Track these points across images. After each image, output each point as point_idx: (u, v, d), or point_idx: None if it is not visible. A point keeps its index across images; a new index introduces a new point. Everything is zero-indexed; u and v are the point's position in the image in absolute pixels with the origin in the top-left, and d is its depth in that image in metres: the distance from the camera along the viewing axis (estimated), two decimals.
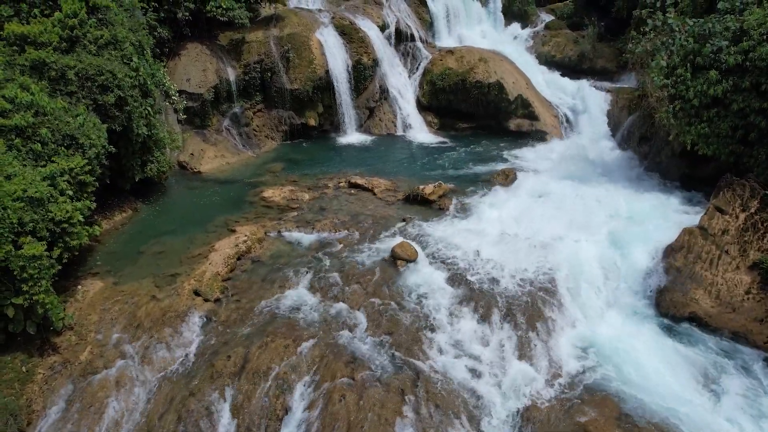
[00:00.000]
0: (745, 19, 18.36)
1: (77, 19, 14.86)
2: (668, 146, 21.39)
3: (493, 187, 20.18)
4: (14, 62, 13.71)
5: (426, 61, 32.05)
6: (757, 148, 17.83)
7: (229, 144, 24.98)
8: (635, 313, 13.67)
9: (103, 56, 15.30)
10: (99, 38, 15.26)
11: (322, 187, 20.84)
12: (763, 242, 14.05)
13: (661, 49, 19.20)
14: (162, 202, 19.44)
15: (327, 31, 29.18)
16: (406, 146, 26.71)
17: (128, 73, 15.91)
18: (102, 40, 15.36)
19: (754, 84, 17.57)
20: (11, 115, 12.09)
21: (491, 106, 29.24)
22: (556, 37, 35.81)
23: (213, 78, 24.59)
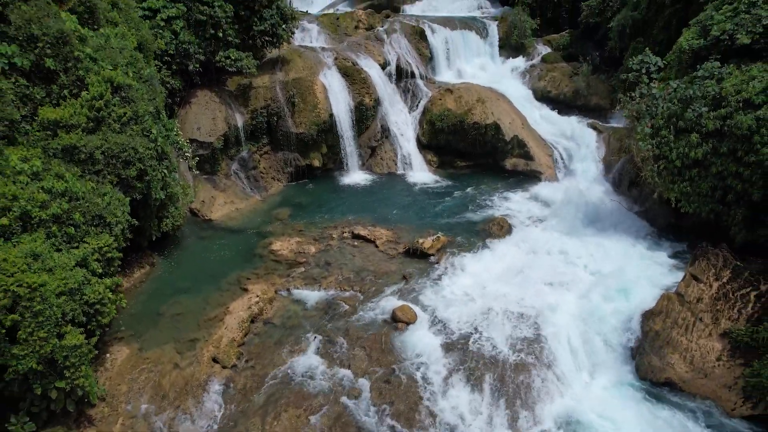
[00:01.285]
0: (723, 87, 19.60)
1: (103, 101, 16.11)
2: (654, 195, 22.63)
3: (489, 241, 21.43)
4: (48, 147, 14.97)
5: (426, 99, 33.28)
6: (734, 209, 19.13)
7: (237, 189, 26.23)
8: (617, 380, 14.91)
9: (125, 132, 16.55)
10: (122, 116, 16.52)
11: (327, 238, 22.09)
12: (733, 312, 15.30)
13: (645, 115, 20.41)
14: (177, 255, 20.69)
15: (330, 73, 30.38)
16: (406, 188, 27.93)
17: (147, 145, 17.17)
18: (125, 118, 16.62)
19: (731, 149, 18.82)
20: (49, 204, 13.33)
21: (488, 146, 30.48)
22: (552, 71, 37.00)
23: (222, 126, 25.83)
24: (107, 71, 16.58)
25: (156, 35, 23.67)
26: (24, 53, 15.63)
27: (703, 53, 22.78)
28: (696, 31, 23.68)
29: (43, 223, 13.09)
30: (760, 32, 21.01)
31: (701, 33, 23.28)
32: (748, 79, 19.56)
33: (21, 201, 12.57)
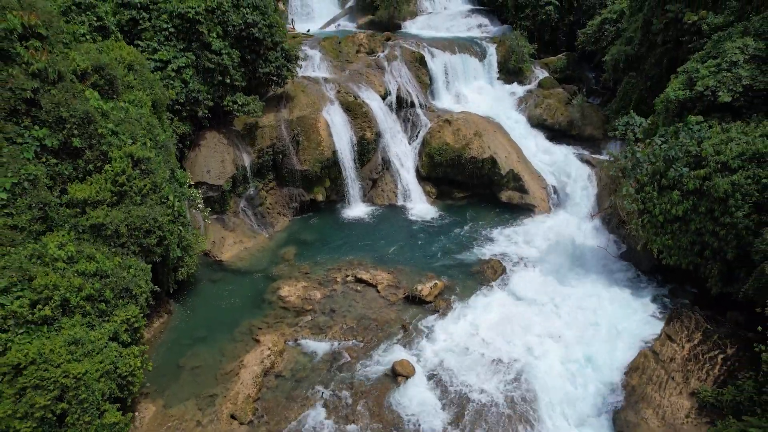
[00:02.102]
0: (703, 148, 20.87)
1: (125, 176, 17.44)
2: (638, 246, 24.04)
3: (483, 288, 22.92)
4: (78, 224, 16.36)
5: (425, 129, 34.50)
6: (711, 263, 20.57)
7: (245, 227, 27.63)
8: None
9: (146, 204, 17.91)
10: (142, 188, 17.86)
11: (332, 282, 23.56)
12: (702, 373, 16.84)
13: (630, 174, 21.73)
14: (191, 301, 22.18)
15: (333, 109, 31.55)
16: (406, 224, 29.30)
17: (165, 212, 18.55)
18: (145, 189, 17.97)
19: (709, 209, 20.18)
20: (84, 287, 14.75)
21: (485, 179, 31.80)
22: (549, 98, 38.09)
23: (230, 168, 27.13)
24: (128, 146, 17.89)
25: (167, 85, 24.89)
26: (53, 134, 16.93)
27: (689, 104, 24.04)
28: (683, 81, 24.87)
29: (79, 305, 14.55)
30: (740, 91, 22.28)
31: (687, 84, 24.47)
32: (726, 140, 20.86)
33: (61, 289, 14.02)
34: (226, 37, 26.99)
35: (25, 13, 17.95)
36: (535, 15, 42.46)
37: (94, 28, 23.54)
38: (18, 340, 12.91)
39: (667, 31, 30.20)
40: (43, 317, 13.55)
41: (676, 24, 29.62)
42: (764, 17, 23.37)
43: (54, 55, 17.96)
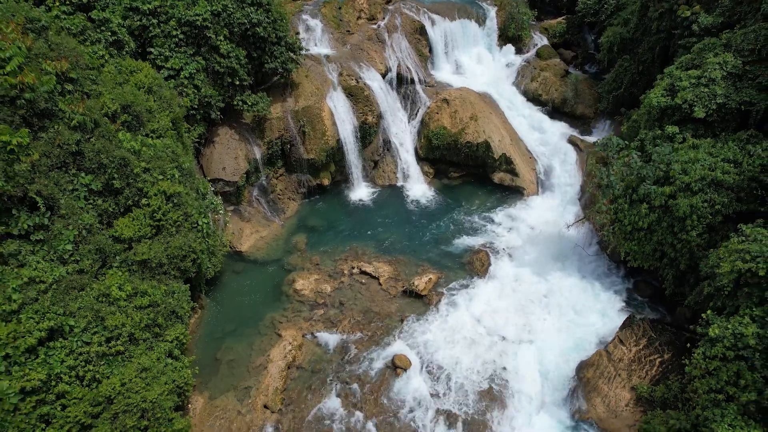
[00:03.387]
0: (672, 168, 23.24)
1: (161, 212, 20.11)
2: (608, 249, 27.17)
3: (471, 280, 26.47)
4: (128, 259, 19.37)
5: (424, 108, 36.06)
6: (667, 269, 23.89)
7: (259, 216, 30.53)
8: (555, 419, 20.84)
9: (180, 233, 20.75)
10: (177, 220, 20.60)
11: (340, 274, 27.06)
12: (642, 372, 20.86)
13: (606, 191, 24.25)
14: (219, 296, 25.78)
15: (336, 95, 32.99)
16: (404, 208, 32.16)
17: (197, 237, 21.47)
18: (179, 220, 20.71)
19: (670, 224, 23.08)
20: (143, 319, 18.13)
21: (479, 161, 34.09)
22: (545, 70, 38.97)
23: (244, 164, 29.42)
24: (160, 183, 20.39)
25: (181, 93, 26.49)
26: (97, 178, 19.40)
27: (669, 111, 25.92)
28: (665, 87, 26.48)
29: (142, 336, 18.05)
30: (714, 108, 24.13)
31: (669, 91, 26.12)
32: (693, 159, 23.17)
33: (127, 326, 17.44)
34: (232, 37, 27.95)
35: (58, 62, 19.58)
36: None
37: (109, 43, 24.80)
38: (102, 371, 16.59)
39: (662, 21, 30.84)
40: (117, 351, 17.12)
41: (671, 15, 30.23)
42: (746, 33, 24.47)
43: (88, 100, 19.86)
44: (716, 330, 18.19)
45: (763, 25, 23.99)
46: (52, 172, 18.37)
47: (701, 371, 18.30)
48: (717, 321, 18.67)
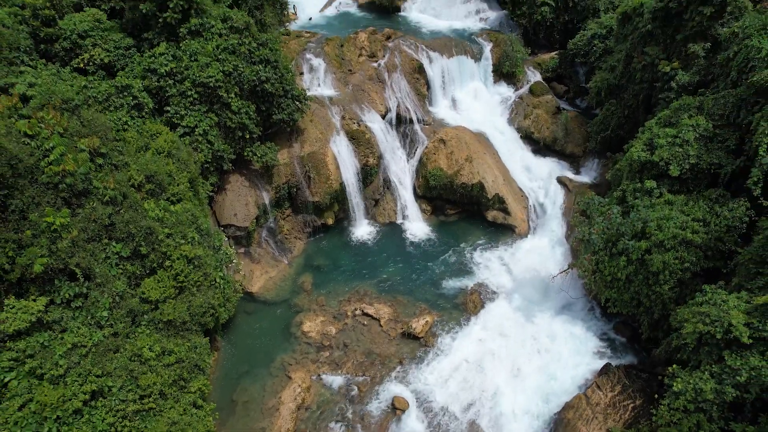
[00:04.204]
0: (648, 225, 25.40)
1: (183, 275, 22.35)
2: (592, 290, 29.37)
3: (465, 320, 28.74)
4: (155, 318, 21.64)
5: (422, 147, 38.20)
6: (643, 316, 26.16)
7: (268, 256, 32.78)
8: None
9: (201, 292, 23.02)
10: (197, 281, 22.84)
11: (344, 315, 29.34)
12: (617, 416, 23.19)
13: (588, 246, 26.46)
14: (233, 337, 28.07)
15: (339, 139, 35.14)
16: (403, 248, 34.36)
17: (216, 293, 23.74)
18: (199, 281, 22.96)
19: (645, 277, 25.31)
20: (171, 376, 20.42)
21: (474, 199, 36.28)
22: (537, 107, 41.02)
23: (254, 210, 31.61)
24: (182, 247, 22.64)
25: (196, 148, 28.64)
26: (126, 246, 21.64)
27: (648, 165, 28.03)
28: (645, 140, 28.58)
29: (170, 392, 20.36)
30: (687, 168, 26.28)
31: (648, 147, 28.22)
32: (668, 216, 25.34)
33: (158, 384, 19.74)
34: (242, 93, 30.06)
35: (90, 139, 21.77)
36: (531, 14, 43.61)
37: (131, 107, 26.99)
38: (137, 426, 18.92)
39: (644, 72, 32.90)
40: (150, 407, 19.45)
41: (653, 68, 32.28)
42: (716, 98, 26.55)
43: (117, 173, 22.08)
44: (680, 385, 20.49)
45: (731, 92, 26.07)
46: (88, 245, 20.60)
47: (666, 420, 20.60)
48: (681, 375, 20.94)
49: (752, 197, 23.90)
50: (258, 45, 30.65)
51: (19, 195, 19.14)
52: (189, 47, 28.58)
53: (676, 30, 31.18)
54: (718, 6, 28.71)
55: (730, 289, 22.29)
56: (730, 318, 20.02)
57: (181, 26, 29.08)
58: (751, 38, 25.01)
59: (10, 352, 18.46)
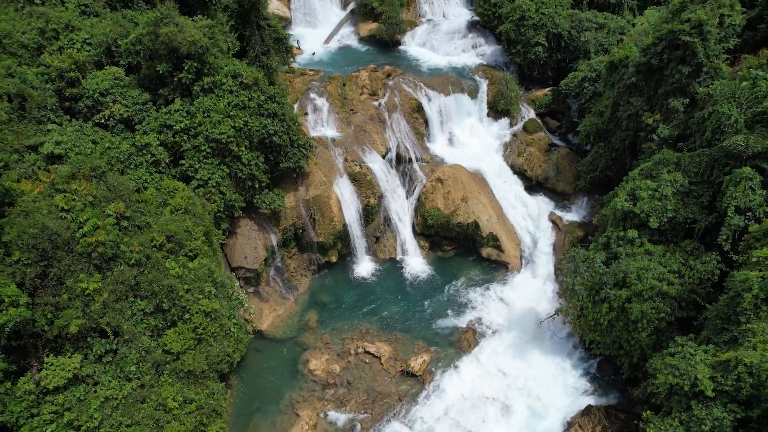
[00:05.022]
0: (629, 273, 27.48)
1: (201, 327, 24.56)
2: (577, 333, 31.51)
3: (459, 359, 30.87)
4: (177, 368, 23.84)
5: (421, 185, 40.32)
6: (624, 358, 28.30)
7: (276, 294, 34.97)
8: None
9: (218, 341, 25.20)
10: (214, 332, 25.05)
11: (347, 353, 31.51)
12: None
13: (573, 295, 28.60)
14: (245, 375, 30.25)
15: (342, 181, 37.29)
16: (403, 285, 36.48)
17: (230, 342, 25.93)
18: (215, 332, 25.15)
19: (625, 324, 27.40)
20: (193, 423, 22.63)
21: (469, 237, 38.42)
22: (531, 145, 43.09)
23: (263, 253, 33.80)
24: (201, 301, 24.85)
25: (209, 199, 30.79)
26: (149, 302, 23.85)
27: (631, 215, 30.08)
28: (629, 190, 30.64)
29: None
30: (666, 221, 28.37)
31: (631, 197, 30.28)
32: (647, 267, 27.42)
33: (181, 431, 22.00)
34: (251, 145, 32.22)
35: (116, 204, 23.99)
36: (526, 53, 45.63)
37: (149, 163, 29.20)
38: None
39: (630, 121, 34.96)
40: None
41: (637, 117, 34.34)
42: (692, 157, 28.65)
43: (140, 235, 24.29)
44: (652, 431, 22.62)
45: (705, 151, 28.17)
46: (117, 304, 22.82)
47: None
48: (654, 420, 23.11)
49: (723, 251, 26.06)
50: (266, 98, 32.82)
51: (57, 264, 21.38)
52: (202, 104, 30.75)
53: (658, 83, 33.22)
54: (695, 66, 30.77)
55: (699, 341, 24.42)
56: (696, 372, 22.13)
57: (195, 84, 31.24)
58: (721, 105, 27.06)
59: (51, 405, 20.74)
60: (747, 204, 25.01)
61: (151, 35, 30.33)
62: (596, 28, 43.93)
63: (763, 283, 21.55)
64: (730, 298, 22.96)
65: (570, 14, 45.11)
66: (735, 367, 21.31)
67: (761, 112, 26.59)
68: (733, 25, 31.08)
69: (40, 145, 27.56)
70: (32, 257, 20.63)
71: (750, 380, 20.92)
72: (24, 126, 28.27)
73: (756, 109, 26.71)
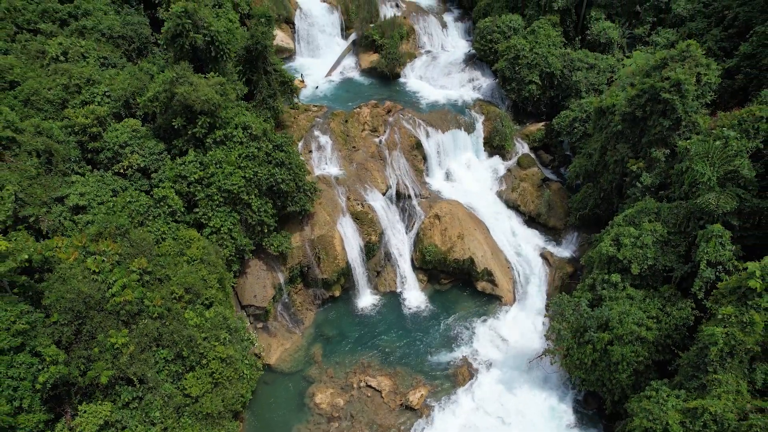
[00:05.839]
0: (611, 317, 29.70)
1: (218, 372, 26.90)
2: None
3: (455, 393, 33.13)
4: (196, 411, 26.13)
5: (420, 221, 42.58)
6: (607, 395, 30.54)
7: (283, 329, 37.27)
8: None
9: (232, 384, 27.49)
10: (230, 376, 27.36)
11: (350, 387, 33.81)
12: None
13: (560, 339, 30.84)
14: (255, 408, 32.51)
15: (345, 220, 39.56)
16: (402, 318, 38.73)
17: (243, 383, 28.22)
18: (230, 375, 27.46)
19: (608, 365, 29.67)
20: None
21: (465, 272, 40.66)
22: (524, 180, 45.30)
23: (271, 291, 36.11)
24: (217, 348, 27.15)
25: (221, 244, 33.06)
26: (171, 351, 26.16)
27: (615, 260, 32.26)
28: (613, 236, 32.83)
29: None
30: (646, 268, 30.57)
31: (615, 243, 32.46)
32: (627, 312, 29.64)
33: None
34: (260, 193, 34.49)
35: (139, 260, 26.30)
36: (520, 90, 47.84)
37: (167, 214, 31.50)
38: None
39: (616, 166, 37.15)
40: None
41: (623, 163, 36.54)
42: (671, 208, 30.86)
43: (161, 289, 26.61)
44: None
45: (682, 204, 30.38)
46: (142, 354, 25.13)
47: None
48: None
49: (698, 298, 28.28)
50: (274, 147, 35.12)
51: (90, 322, 23.71)
52: (215, 156, 33.03)
53: (642, 132, 35.43)
54: (674, 120, 32.97)
55: (673, 385, 26.66)
56: (668, 418, 24.38)
57: (207, 137, 33.51)
58: (696, 163, 29.24)
59: None
60: (717, 258, 27.22)
61: (167, 93, 32.63)
62: (587, 68, 46.05)
63: (727, 338, 23.75)
64: (699, 349, 25.15)
65: (562, 54, 47.29)
66: (702, 414, 23.54)
67: (732, 171, 28.81)
68: (709, 83, 33.20)
69: (65, 197, 29.96)
70: (68, 318, 22.96)
71: (714, 427, 23.17)
72: (51, 179, 30.68)
73: (728, 167, 28.92)
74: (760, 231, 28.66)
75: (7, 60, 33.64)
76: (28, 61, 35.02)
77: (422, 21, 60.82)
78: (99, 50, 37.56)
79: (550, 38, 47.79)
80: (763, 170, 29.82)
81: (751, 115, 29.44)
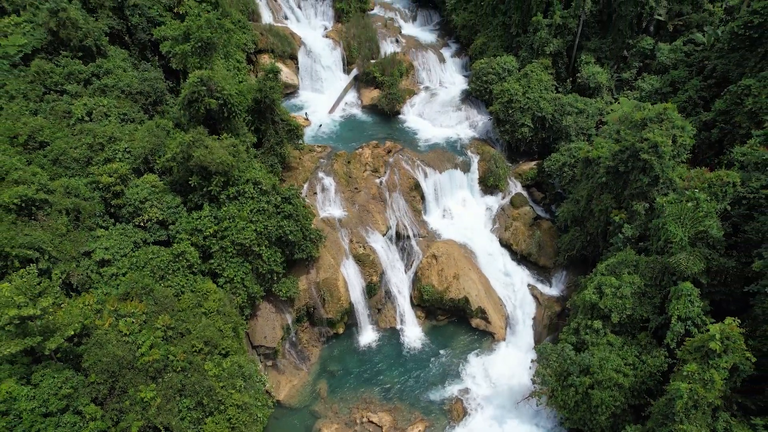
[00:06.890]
0: (592, 363, 32.46)
1: (236, 418, 29.75)
2: None
3: (451, 428, 35.92)
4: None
5: (418, 260, 45.38)
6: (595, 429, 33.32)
7: (291, 366, 40.12)
8: None
9: (247, 428, 30.34)
10: (245, 420, 30.21)
11: (353, 423, 36.66)
12: None
13: (547, 381, 33.62)
14: None
15: (348, 263, 42.37)
16: (401, 355, 41.55)
17: (258, 426, 31.07)
18: (247, 420, 30.30)
19: (589, 406, 32.44)
20: None
21: (460, 309, 43.45)
22: (517, 219, 48.08)
23: (280, 333, 38.97)
24: (233, 395, 30.01)
25: (234, 293, 35.93)
26: (192, 399, 29.02)
27: (597, 307, 35.03)
28: (596, 284, 35.58)
29: None
30: (625, 317, 33.33)
31: (598, 291, 35.22)
32: (607, 358, 32.40)
33: None
34: (269, 243, 37.34)
35: (162, 317, 29.17)
36: (513, 131, 50.60)
37: (185, 268, 34.35)
38: None
39: (601, 214, 39.89)
40: None
41: (607, 213, 39.28)
42: (648, 262, 33.61)
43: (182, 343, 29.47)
44: None
45: (657, 259, 33.13)
46: (167, 405, 28.00)
47: None
48: None
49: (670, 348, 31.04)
50: (282, 200, 37.95)
51: (122, 379, 26.58)
52: (228, 212, 35.86)
53: (625, 185, 38.15)
54: (653, 177, 35.70)
55: (645, 431, 29.39)
56: None
57: (221, 193, 36.35)
58: (669, 224, 31.99)
59: None
60: (687, 314, 29.98)
61: (184, 153, 35.47)
62: (577, 112, 48.72)
63: (691, 393, 26.47)
64: (668, 400, 27.89)
65: (553, 98, 49.99)
66: None
67: (702, 231, 31.59)
68: (684, 144, 35.90)
69: (92, 251, 32.84)
70: (104, 377, 25.83)
71: None
72: (78, 234, 33.55)
73: (698, 227, 31.68)
74: (726, 288, 31.42)
75: (38, 121, 36.53)
76: (55, 121, 37.86)
77: (421, 57, 63.70)
78: (119, 107, 40.41)
79: (542, 82, 50.54)
80: (731, 230, 32.62)
81: (720, 179, 32.18)
